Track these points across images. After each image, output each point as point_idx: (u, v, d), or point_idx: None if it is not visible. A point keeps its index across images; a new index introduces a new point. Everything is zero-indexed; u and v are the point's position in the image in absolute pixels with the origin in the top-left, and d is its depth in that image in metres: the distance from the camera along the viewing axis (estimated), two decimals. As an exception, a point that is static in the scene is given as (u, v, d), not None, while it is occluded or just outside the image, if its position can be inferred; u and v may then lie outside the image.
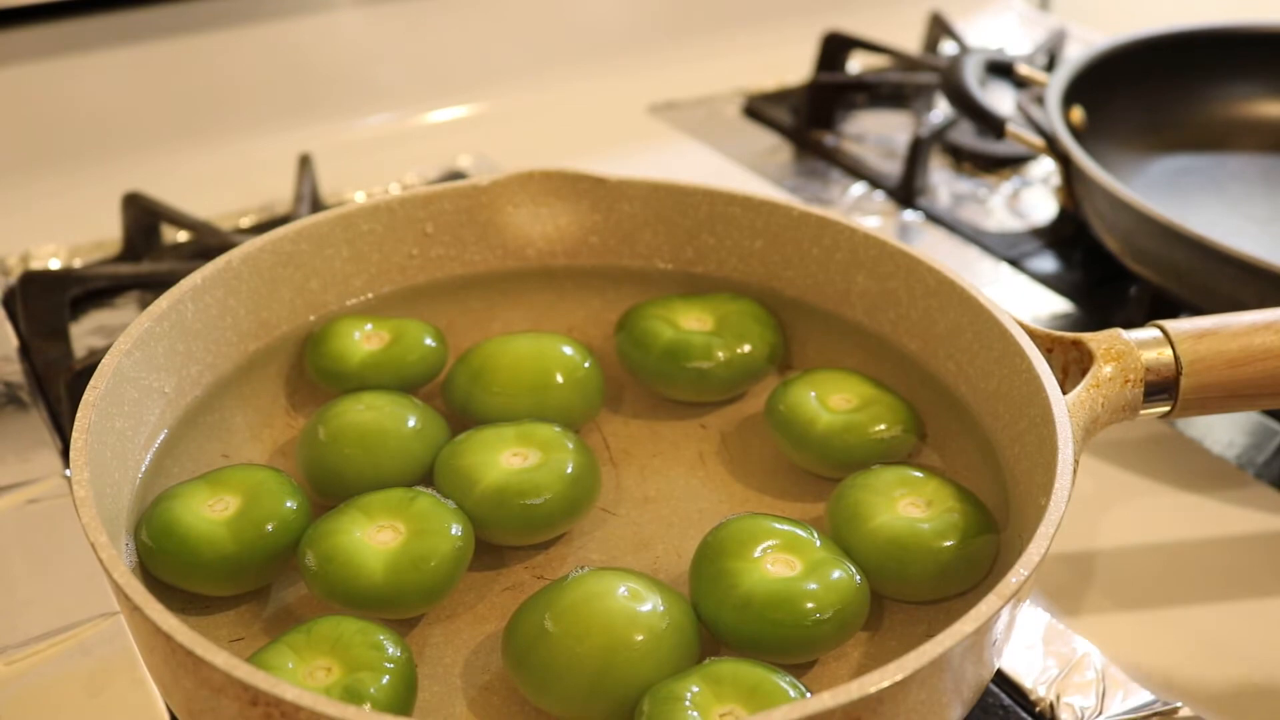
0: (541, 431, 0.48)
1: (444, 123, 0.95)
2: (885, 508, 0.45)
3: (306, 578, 0.44)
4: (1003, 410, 0.48)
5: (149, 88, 0.87)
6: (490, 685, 0.42)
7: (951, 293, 0.50)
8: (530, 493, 0.46)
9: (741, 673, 0.39)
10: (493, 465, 0.47)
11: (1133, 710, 0.48)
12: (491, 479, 0.46)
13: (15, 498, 0.58)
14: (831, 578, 0.42)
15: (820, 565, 0.43)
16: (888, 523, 0.44)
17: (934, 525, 0.44)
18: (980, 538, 0.44)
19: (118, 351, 0.45)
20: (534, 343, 0.53)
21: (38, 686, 0.49)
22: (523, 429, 0.49)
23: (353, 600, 0.43)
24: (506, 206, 0.57)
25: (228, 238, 0.73)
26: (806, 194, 0.87)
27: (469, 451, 0.48)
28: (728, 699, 0.38)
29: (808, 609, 0.41)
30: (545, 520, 0.47)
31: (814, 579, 0.42)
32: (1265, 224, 0.77)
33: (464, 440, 0.48)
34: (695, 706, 0.38)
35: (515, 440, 0.48)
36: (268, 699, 0.33)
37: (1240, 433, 0.64)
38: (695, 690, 0.38)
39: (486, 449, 0.48)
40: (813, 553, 0.43)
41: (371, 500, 0.45)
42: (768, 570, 0.42)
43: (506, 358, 0.52)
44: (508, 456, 0.47)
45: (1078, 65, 0.79)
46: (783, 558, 0.43)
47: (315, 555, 0.43)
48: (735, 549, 0.43)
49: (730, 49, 1.06)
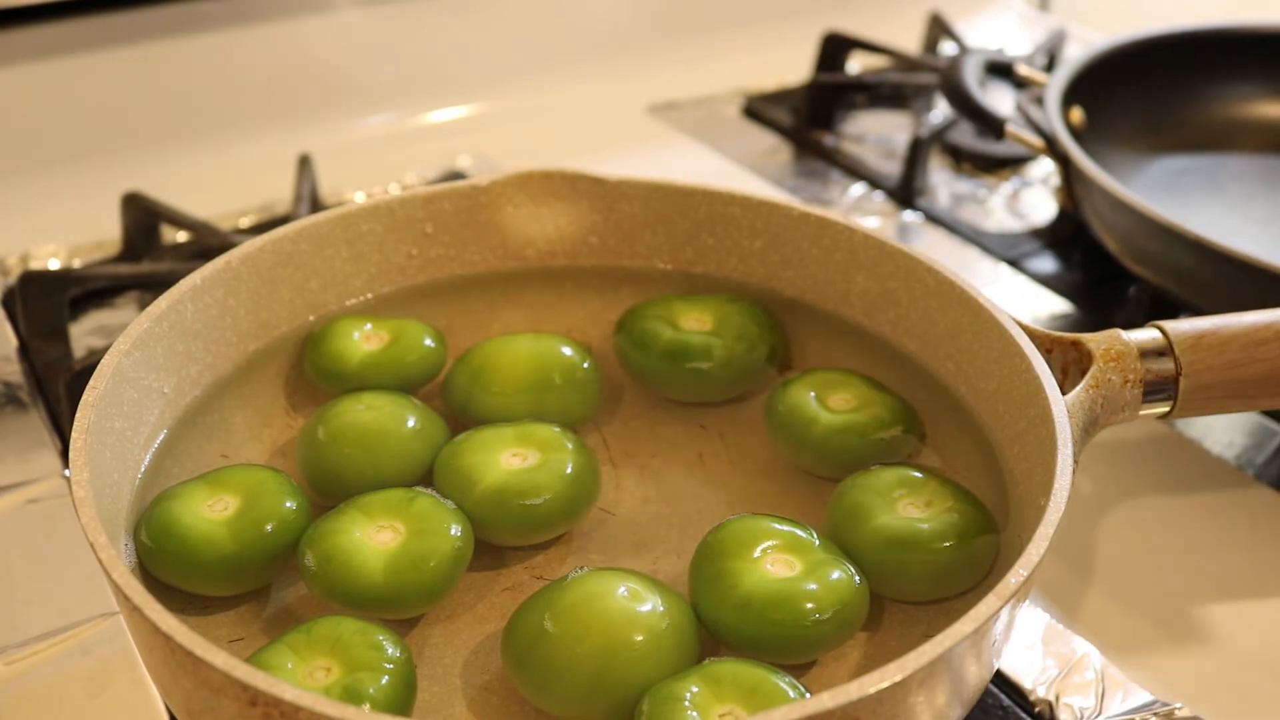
0: (541, 432, 0.48)
1: (444, 123, 0.95)
2: (885, 508, 0.45)
3: (306, 578, 0.44)
4: (1002, 410, 0.48)
5: (149, 88, 0.87)
6: (490, 685, 0.42)
7: (951, 293, 0.50)
8: (530, 493, 0.46)
9: (741, 673, 0.39)
10: (492, 465, 0.47)
11: (1132, 710, 0.48)
12: (491, 479, 0.46)
13: (15, 498, 0.58)
14: (831, 578, 0.42)
15: (820, 566, 0.43)
16: (887, 523, 0.44)
17: (933, 526, 0.44)
18: (979, 538, 0.44)
19: (117, 352, 0.45)
20: (533, 343, 0.53)
21: (37, 687, 0.49)
22: (522, 429, 0.49)
23: (352, 600, 0.43)
24: (506, 207, 0.57)
25: (227, 238, 0.73)
26: (806, 194, 0.87)
27: (469, 451, 0.48)
28: (727, 699, 0.38)
29: (807, 609, 0.41)
30: (545, 520, 0.47)
31: (814, 579, 0.42)
32: (1265, 224, 0.77)
33: (464, 440, 0.48)
34: (695, 707, 0.38)
35: (515, 440, 0.48)
36: (267, 699, 0.33)
37: (1240, 433, 0.64)
38: (695, 690, 0.38)
39: (486, 449, 0.48)
40: (812, 553, 0.43)
41: (371, 500, 0.45)
42: (767, 570, 0.42)
43: (506, 358, 0.52)
44: (507, 457, 0.47)
45: (1077, 66, 0.79)
46: (783, 558, 0.43)
47: (315, 555, 0.43)
48: (735, 549, 0.43)
49: (730, 49, 1.06)
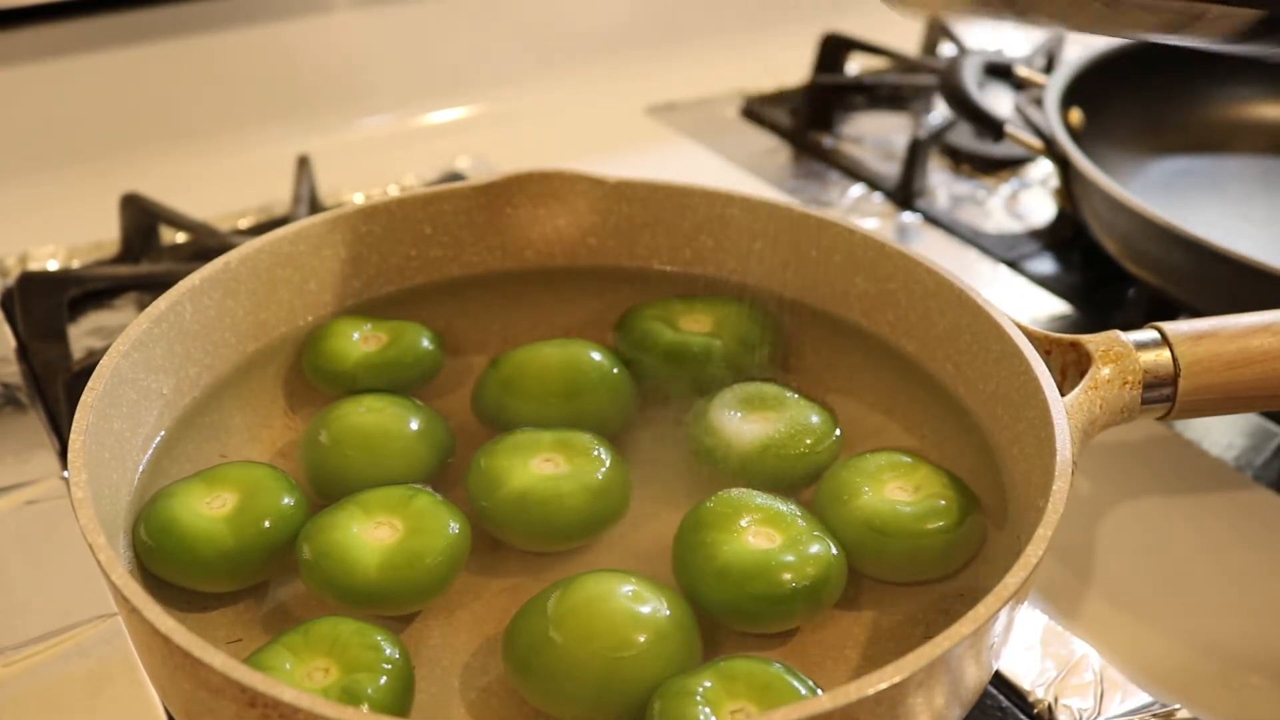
0: (579, 441, 0.48)
1: (442, 124, 0.95)
2: (872, 489, 0.46)
3: (303, 572, 0.44)
4: (1001, 412, 0.48)
5: (148, 88, 0.87)
6: (488, 687, 0.42)
7: (950, 294, 0.50)
8: (552, 501, 0.46)
9: (755, 671, 0.39)
10: (521, 469, 0.46)
11: (1131, 712, 0.48)
12: (516, 483, 0.46)
13: (13, 499, 0.58)
14: (809, 550, 0.43)
15: (799, 538, 0.44)
16: (869, 502, 0.45)
17: (915, 509, 0.45)
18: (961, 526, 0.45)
19: (116, 353, 0.45)
20: (563, 349, 0.52)
21: (36, 688, 0.49)
22: (561, 436, 0.48)
23: (346, 596, 0.43)
24: (505, 208, 0.57)
25: (226, 239, 0.73)
26: (805, 195, 0.87)
27: (502, 453, 0.47)
28: (740, 696, 0.38)
29: (783, 579, 0.42)
30: (564, 530, 0.46)
31: (791, 551, 0.43)
32: (1264, 225, 0.77)
33: (500, 441, 0.48)
34: (706, 702, 0.38)
35: (551, 446, 0.47)
36: (266, 700, 0.33)
37: (1239, 434, 0.64)
38: (708, 685, 0.38)
39: (520, 452, 0.47)
40: (793, 527, 0.44)
41: (370, 497, 0.45)
42: (748, 542, 0.43)
43: (537, 365, 0.51)
44: (539, 462, 0.47)
45: (1076, 67, 0.79)
46: (764, 530, 0.44)
47: (311, 549, 0.43)
48: (717, 521, 0.44)
49: (729, 50, 1.06)
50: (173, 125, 0.88)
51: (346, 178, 0.84)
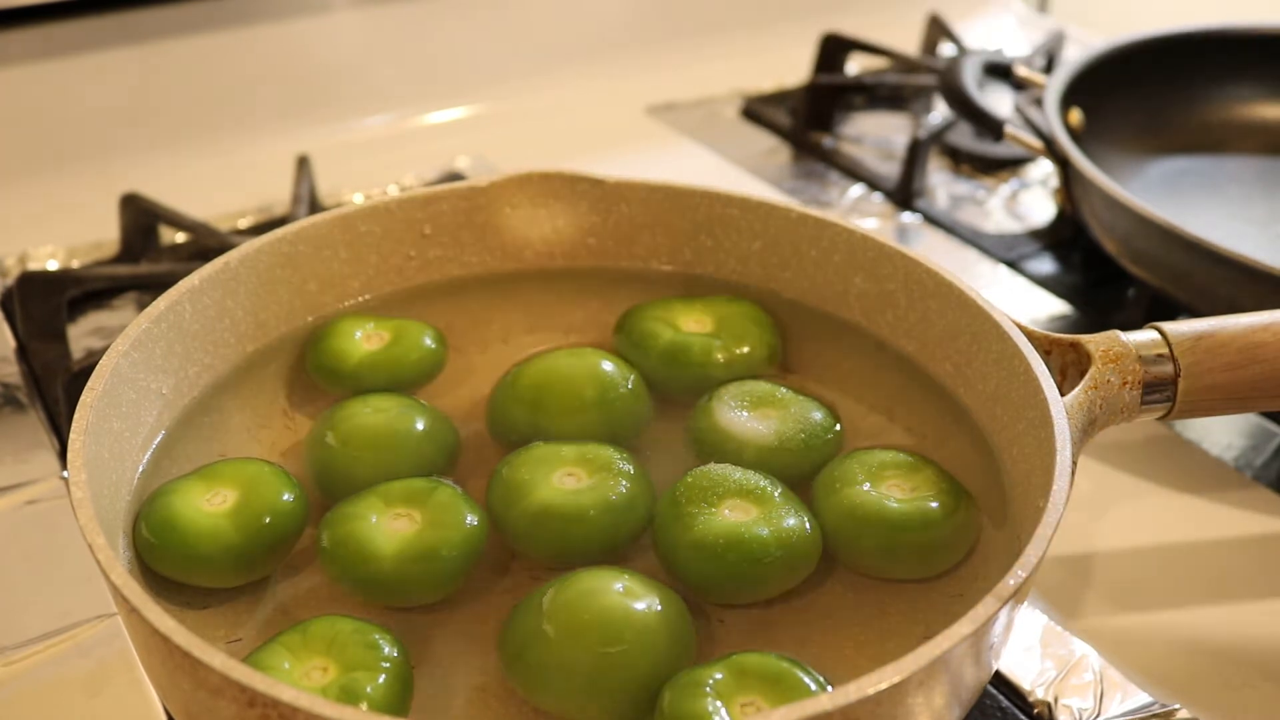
0: (601, 455, 0.47)
1: (442, 124, 0.95)
2: (866, 482, 0.46)
3: (322, 560, 0.44)
4: (1001, 412, 0.48)
5: (148, 88, 0.87)
6: (487, 686, 0.42)
7: (949, 294, 0.50)
8: (572, 516, 0.45)
9: (767, 665, 0.39)
10: (543, 483, 0.46)
11: (1131, 712, 0.48)
12: (537, 497, 0.45)
13: (13, 499, 0.58)
14: (784, 524, 0.44)
15: (775, 512, 0.44)
16: (857, 493, 0.46)
17: (902, 506, 0.45)
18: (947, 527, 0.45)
19: (115, 353, 0.45)
20: (582, 361, 0.52)
21: (36, 688, 0.49)
22: (585, 450, 0.47)
23: (361, 585, 0.43)
24: (505, 208, 0.57)
25: (226, 239, 0.73)
26: (805, 196, 0.87)
27: (524, 465, 0.47)
28: (750, 690, 0.39)
29: (756, 550, 0.43)
30: (581, 547, 0.45)
31: (766, 524, 0.44)
32: (1263, 226, 0.77)
33: (523, 453, 0.47)
34: (717, 695, 0.38)
35: (574, 460, 0.47)
36: (265, 700, 0.33)
37: (1238, 435, 0.64)
38: (718, 678, 0.39)
39: (542, 465, 0.46)
40: (771, 503, 0.45)
41: (392, 488, 0.46)
42: (725, 515, 0.44)
43: (549, 378, 0.51)
44: (561, 476, 0.46)
45: (1076, 67, 0.79)
46: (741, 505, 0.45)
47: (330, 537, 0.44)
48: (697, 495, 0.45)
49: (729, 50, 1.06)
50: (172, 125, 0.88)
51: (346, 178, 0.84)
